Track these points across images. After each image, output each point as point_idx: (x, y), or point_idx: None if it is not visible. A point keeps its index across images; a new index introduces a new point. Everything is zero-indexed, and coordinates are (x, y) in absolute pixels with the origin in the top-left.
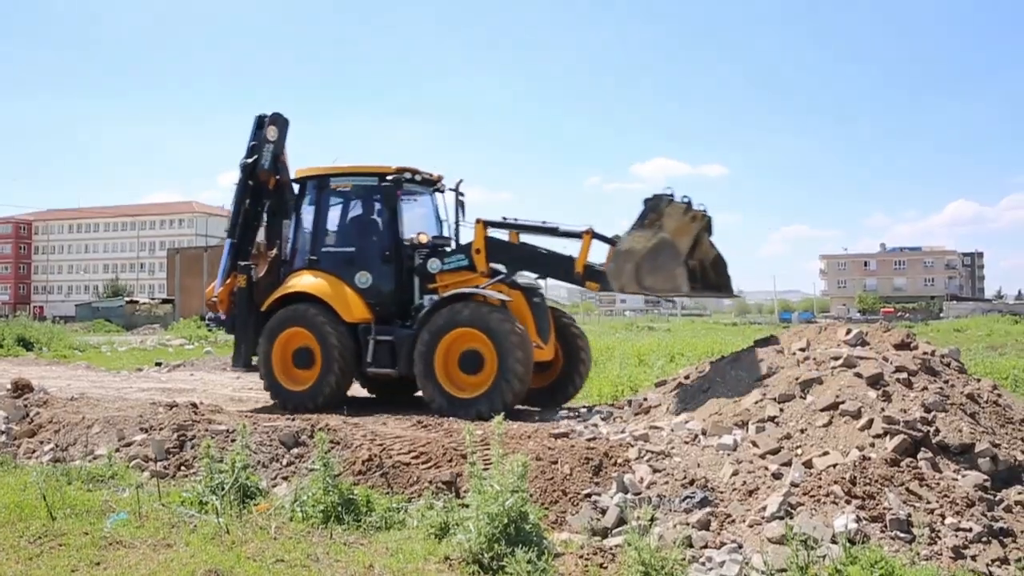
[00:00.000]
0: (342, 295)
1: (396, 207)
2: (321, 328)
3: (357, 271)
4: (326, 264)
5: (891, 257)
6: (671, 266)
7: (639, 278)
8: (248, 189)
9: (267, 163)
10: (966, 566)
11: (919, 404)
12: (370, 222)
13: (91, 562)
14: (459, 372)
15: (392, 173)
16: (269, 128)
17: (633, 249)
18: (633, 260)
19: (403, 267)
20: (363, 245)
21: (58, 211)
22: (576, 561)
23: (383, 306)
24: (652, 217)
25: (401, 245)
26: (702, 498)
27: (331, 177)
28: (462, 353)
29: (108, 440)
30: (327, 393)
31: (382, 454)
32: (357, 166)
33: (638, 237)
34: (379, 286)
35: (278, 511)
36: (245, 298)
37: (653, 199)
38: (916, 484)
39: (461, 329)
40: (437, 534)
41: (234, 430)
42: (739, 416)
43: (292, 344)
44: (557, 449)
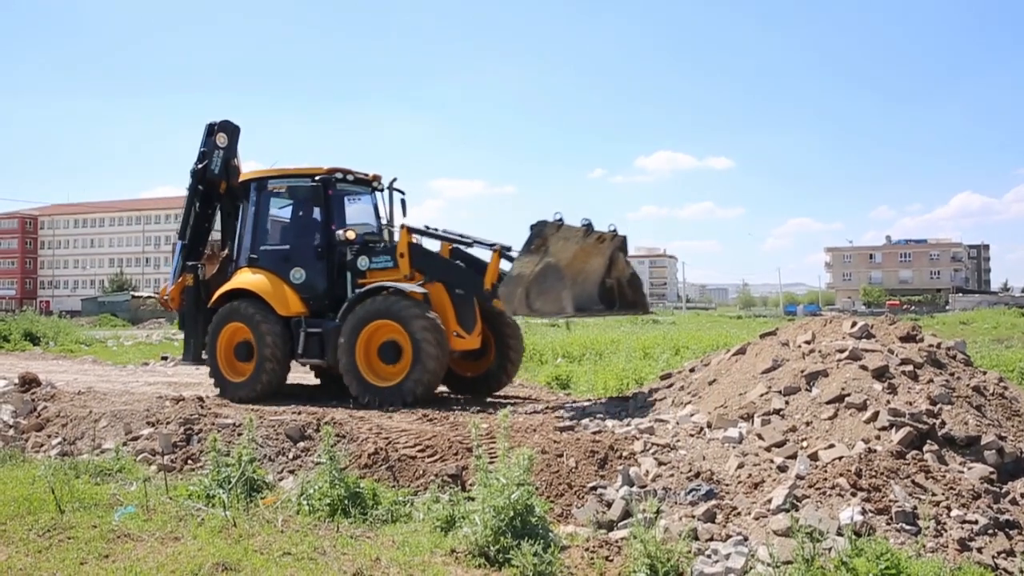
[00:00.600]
0: (278, 291)
1: (328, 206)
2: (257, 322)
3: (292, 268)
4: (265, 262)
5: (896, 250)
6: (557, 289)
7: (529, 302)
8: (198, 193)
9: (217, 168)
10: (972, 558)
11: (925, 397)
12: (303, 221)
13: (100, 555)
14: (379, 362)
15: (323, 174)
16: (219, 135)
17: (522, 274)
18: (522, 285)
19: (334, 263)
20: (297, 243)
21: (63, 206)
22: (582, 554)
23: (316, 300)
24: (538, 243)
25: (332, 242)
26: (707, 491)
27: (269, 179)
28: (381, 344)
29: (115, 434)
30: (264, 383)
31: (388, 448)
32: (292, 168)
33: (526, 262)
34: (312, 281)
35: (285, 504)
36: (193, 296)
37: (538, 225)
38: (922, 476)
39: (379, 321)
40: (443, 527)
41: (240, 424)
42: (744, 409)
43: (234, 338)
44: (562, 442)
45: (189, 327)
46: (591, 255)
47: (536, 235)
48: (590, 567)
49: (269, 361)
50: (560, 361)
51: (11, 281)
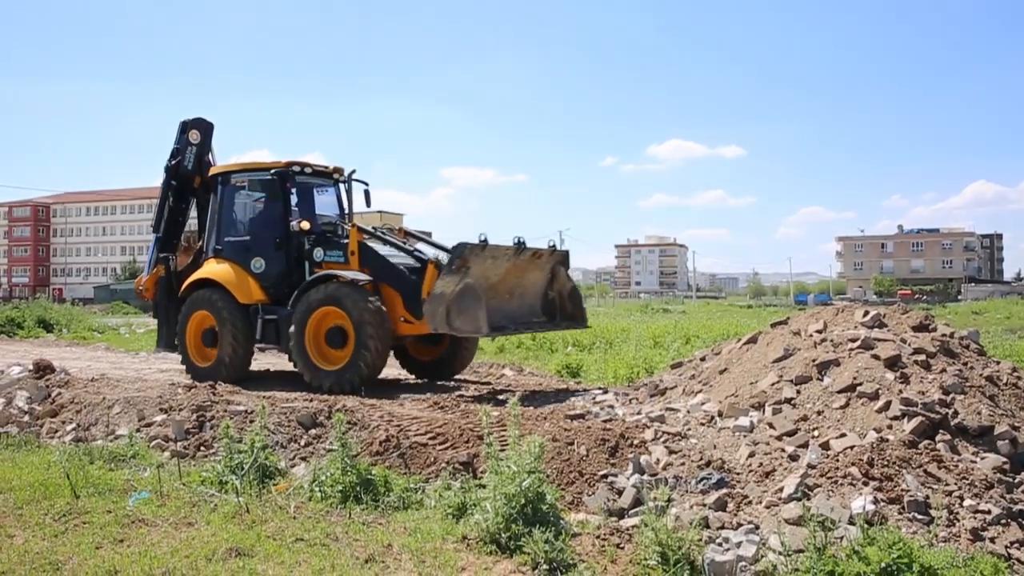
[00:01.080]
0: (240, 280)
1: (285, 198)
2: (220, 310)
3: (253, 257)
4: (228, 252)
5: (908, 239)
6: (474, 309)
7: (449, 320)
8: (171, 188)
9: (190, 164)
10: (985, 548)
11: (937, 386)
12: (263, 213)
13: (115, 539)
14: (326, 347)
15: (281, 167)
16: (192, 132)
17: (444, 293)
18: (444, 303)
19: (292, 253)
20: (258, 234)
21: (76, 194)
22: (593, 541)
23: (275, 288)
24: (458, 263)
25: (289, 233)
26: (719, 479)
27: (233, 173)
28: (328, 330)
29: (128, 420)
30: (227, 366)
31: (399, 435)
32: (253, 163)
33: (447, 282)
34: (271, 271)
35: (297, 491)
36: (165, 286)
37: (458, 247)
38: (934, 466)
39: (325, 308)
40: (455, 514)
41: (253, 411)
42: (755, 398)
43: (201, 325)
44: (573, 430)
45: (162, 316)
46: (528, 270)
47: (456, 256)
48: (601, 554)
49: (231, 347)
50: (570, 350)
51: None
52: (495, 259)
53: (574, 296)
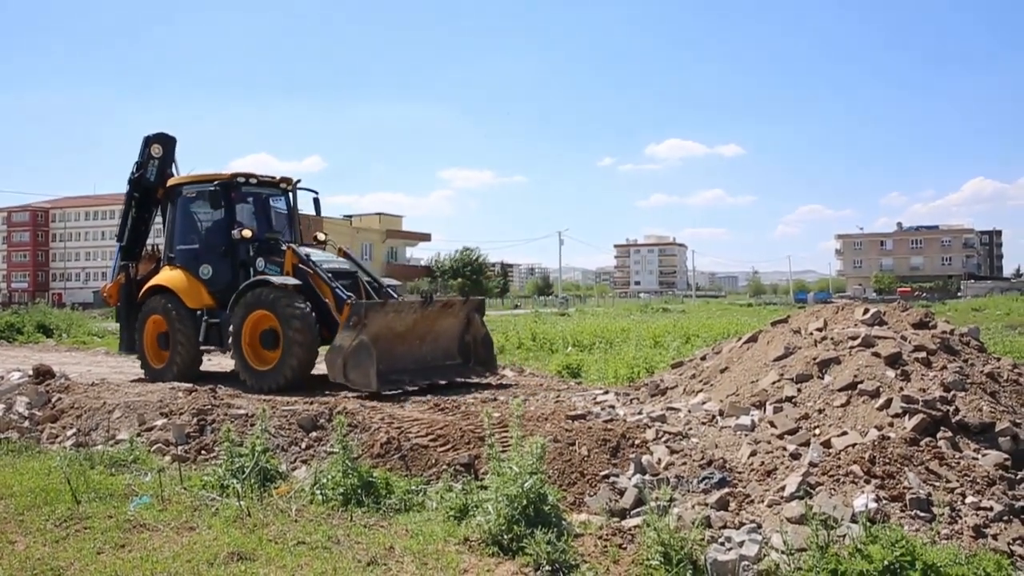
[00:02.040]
0: (188, 286)
1: (230, 208)
2: (171, 315)
3: (200, 265)
4: (180, 260)
5: (908, 236)
6: (366, 365)
7: (345, 371)
8: (134, 200)
9: (153, 176)
10: (987, 545)
11: (938, 383)
12: (210, 222)
13: (116, 544)
14: (261, 349)
15: (224, 179)
16: (154, 146)
17: (341, 346)
18: (342, 355)
19: (236, 260)
20: (205, 242)
21: (75, 198)
22: (595, 542)
23: (221, 294)
24: (355, 320)
25: (233, 241)
26: (720, 479)
27: (184, 185)
28: (262, 332)
29: (129, 425)
30: (178, 367)
31: (400, 437)
32: (202, 174)
33: (346, 336)
34: (217, 277)
35: (298, 494)
36: (126, 293)
37: (356, 306)
38: (936, 463)
39: (259, 311)
40: (456, 516)
41: (253, 414)
42: (756, 397)
43: (157, 329)
44: (574, 431)
45: (123, 321)
46: (440, 318)
47: (355, 314)
48: (603, 555)
49: (181, 348)
50: (570, 350)
51: (23, 274)
52: (399, 313)
53: (486, 342)
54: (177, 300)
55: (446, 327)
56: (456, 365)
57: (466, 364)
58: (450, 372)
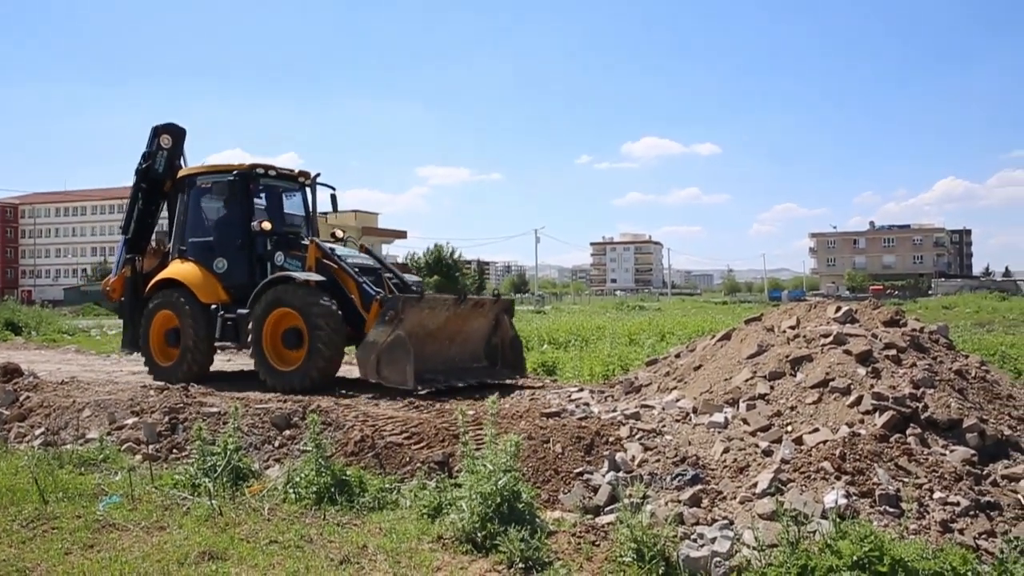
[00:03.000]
0: (202, 280)
1: (247, 200)
2: (182, 309)
3: (215, 258)
4: (192, 253)
5: (880, 235)
6: (403, 362)
7: (379, 368)
8: (141, 191)
9: (161, 168)
10: (954, 539)
11: (908, 380)
12: (226, 215)
13: (84, 545)
14: (284, 348)
15: (243, 170)
16: (163, 137)
17: (376, 342)
18: (375, 352)
19: (254, 254)
20: (220, 235)
21: (45, 194)
22: (569, 539)
23: (236, 288)
24: (391, 315)
25: (251, 234)
26: (693, 475)
27: (198, 176)
28: (285, 331)
29: (99, 423)
30: (189, 364)
31: (374, 435)
32: (217, 165)
33: (380, 332)
34: (233, 271)
35: (271, 493)
36: (131, 287)
37: (392, 300)
38: (905, 460)
39: (281, 309)
40: (430, 514)
41: (226, 412)
42: (730, 394)
43: (165, 325)
44: (549, 428)
45: (127, 316)
46: (470, 318)
47: (390, 308)
48: (577, 552)
49: (193, 345)
50: (546, 348)
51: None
52: (433, 309)
53: (515, 345)
54: (189, 295)
55: (475, 327)
56: (483, 367)
57: (493, 366)
58: (478, 374)
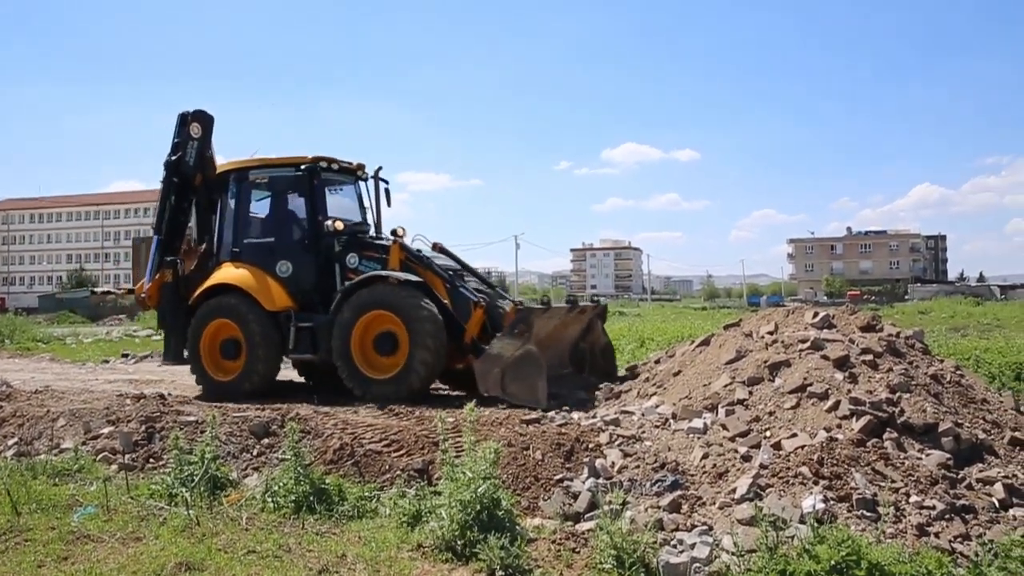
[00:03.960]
0: (264, 285)
1: (313, 196)
2: (244, 318)
3: (278, 261)
4: (248, 255)
5: (857, 241)
6: (534, 378)
7: (503, 384)
8: (173, 186)
9: (191, 160)
10: (929, 543)
11: (885, 385)
12: (288, 212)
13: (58, 557)
14: (375, 354)
15: (307, 163)
16: (192, 125)
17: (501, 355)
18: (500, 365)
19: (322, 255)
20: (282, 235)
21: (19, 200)
22: (549, 546)
23: (304, 294)
24: (521, 328)
25: (320, 234)
26: (673, 481)
27: (250, 170)
28: (377, 335)
29: (74, 433)
30: (254, 381)
31: (353, 443)
32: (274, 158)
33: (507, 345)
34: (299, 274)
35: (249, 502)
36: (172, 292)
37: (524, 311)
38: (882, 464)
39: (375, 311)
40: (410, 522)
41: (203, 421)
42: (709, 400)
43: (219, 335)
44: (529, 435)
45: (169, 325)
46: (569, 325)
47: (521, 320)
48: (557, 559)
49: (260, 358)
50: None
51: None
52: (550, 319)
53: (607, 352)
54: (251, 302)
55: (567, 334)
56: (571, 374)
57: (579, 373)
58: (571, 381)
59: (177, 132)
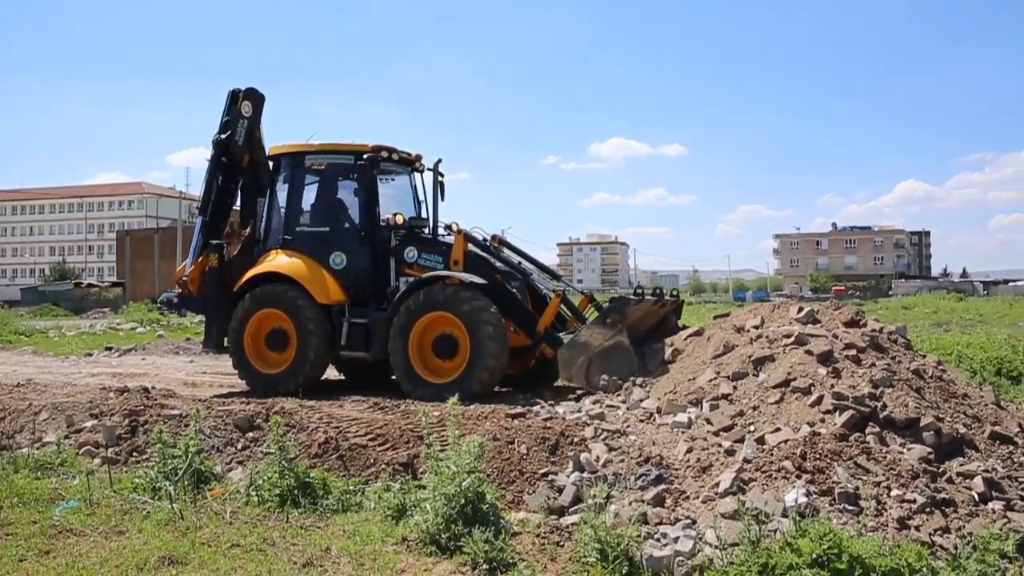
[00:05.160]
0: (317, 276)
1: (373, 186)
2: (296, 309)
3: (332, 252)
4: (300, 244)
5: (842, 236)
6: (624, 371)
7: (588, 373)
8: (221, 166)
9: (241, 139)
10: (910, 536)
11: (867, 380)
12: (345, 202)
13: (40, 551)
14: (433, 357)
15: (369, 151)
16: (243, 103)
17: (589, 344)
18: (586, 354)
19: (379, 249)
20: (338, 225)
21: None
22: (533, 540)
23: (358, 288)
24: (615, 318)
25: (377, 226)
26: (657, 475)
27: (306, 155)
28: (436, 337)
29: (57, 427)
30: (304, 377)
31: (338, 437)
32: (333, 144)
33: (597, 333)
34: (354, 267)
35: (233, 496)
36: (216, 278)
37: (620, 300)
38: (864, 458)
39: (435, 312)
40: (394, 516)
41: (187, 415)
42: (693, 394)
43: (265, 325)
44: (514, 429)
45: (211, 311)
46: (650, 316)
47: (615, 310)
48: (541, 553)
49: (312, 352)
50: None
51: None
52: (639, 310)
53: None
54: (303, 293)
55: (645, 325)
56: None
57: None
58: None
59: (227, 110)
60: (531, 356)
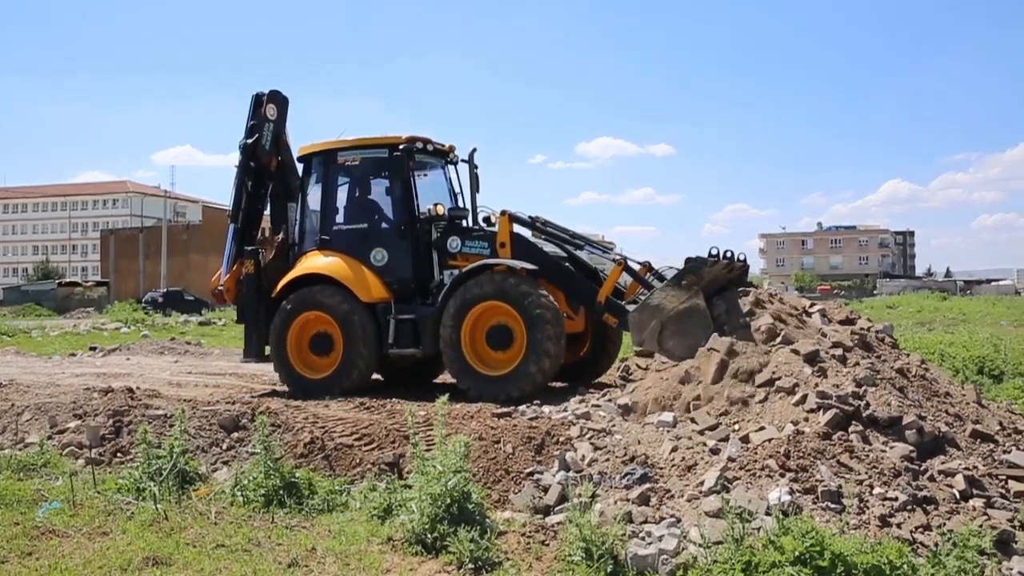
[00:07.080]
0: (358, 274)
1: (409, 179)
2: (340, 310)
3: (372, 248)
4: (338, 243)
5: (827, 236)
6: (698, 335)
7: (661, 338)
8: (249, 171)
9: (268, 143)
10: (892, 533)
11: (851, 379)
12: (382, 197)
13: (22, 553)
14: (487, 349)
15: (403, 143)
16: (268, 107)
17: (663, 306)
18: (660, 318)
19: (420, 242)
20: (376, 221)
21: None
22: (519, 539)
23: (401, 284)
24: (691, 279)
25: (417, 219)
26: (642, 474)
27: (338, 152)
28: (490, 328)
29: (40, 427)
30: (353, 378)
31: (324, 436)
32: (365, 139)
33: (671, 296)
34: (396, 263)
35: (218, 496)
36: (254, 284)
37: (696, 260)
38: (847, 456)
39: (487, 303)
40: (380, 515)
41: (172, 415)
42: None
43: (308, 329)
44: (500, 428)
45: (251, 320)
46: (718, 280)
47: (691, 271)
48: (526, 552)
49: (360, 353)
50: None
51: None
52: (711, 272)
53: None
54: (346, 293)
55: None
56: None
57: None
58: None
59: (252, 114)
60: (583, 343)
